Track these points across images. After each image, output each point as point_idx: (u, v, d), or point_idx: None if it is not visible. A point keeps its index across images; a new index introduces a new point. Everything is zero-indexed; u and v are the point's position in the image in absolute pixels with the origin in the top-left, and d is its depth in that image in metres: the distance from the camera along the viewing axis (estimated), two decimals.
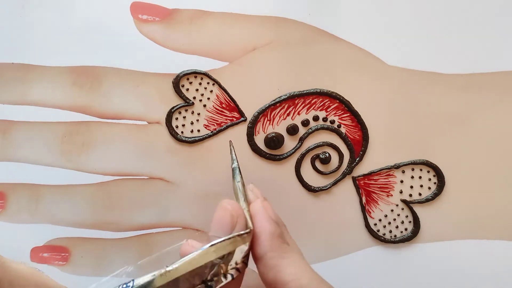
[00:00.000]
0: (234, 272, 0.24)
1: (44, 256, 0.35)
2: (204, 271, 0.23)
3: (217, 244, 0.24)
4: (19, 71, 0.36)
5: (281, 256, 0.24)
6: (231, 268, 0.24)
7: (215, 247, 0.24)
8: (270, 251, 0.24)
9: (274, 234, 0.24)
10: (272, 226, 0.25)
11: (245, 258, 0.24)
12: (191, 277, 0.23)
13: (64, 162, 0.36)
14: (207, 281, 0.23)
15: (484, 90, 0.35)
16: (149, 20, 0.36)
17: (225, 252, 0.24)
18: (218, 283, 0.23)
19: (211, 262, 0.23)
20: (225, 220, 0.25)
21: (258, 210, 0.25)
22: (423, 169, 0.35)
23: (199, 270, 0.23)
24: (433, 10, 0.36)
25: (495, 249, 0.34)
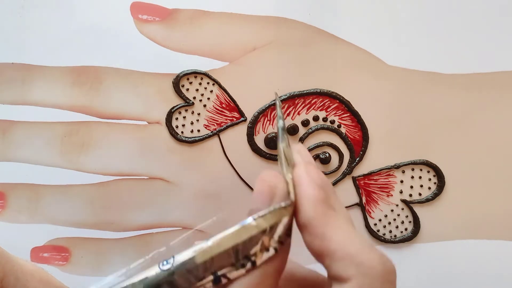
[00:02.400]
0: (277, 246, 0.23)
1: (44, 256, 0.36)
2: (246, 245, 0.23)
3: (258, 217, 0.23)
4: (19, 71, 0.37)
5: (326, 223, 0.23)
6: (274, 242, 0.23)
7: (256, 221, 0.23)
8: (314, 219, 0.23)
9: (318, 200, 0.23)
10: (316, 191, 0.23)
11: (288, 230, 0.24)
12: (233, 252, 0.23)
13: (64, 162, 0.37)
14: (249, 256, 0.23)
15: (485, 90, 0.37)
16: (149, 20, 0.37)
17: (266, 225, 0.23)
18: (261, 258, 0.23)
19: (252, 237, 0.23)
20: (263, 192, 0.24)
21: (300, 176, 0.24)
22: (423, 169, 0.36)
23: (241, 245, 0.23)
24: (433, 10, 0.37)
25: (495, 249, 0.36)
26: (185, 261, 0.23)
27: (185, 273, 0.23)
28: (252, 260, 0.23)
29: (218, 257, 0.23)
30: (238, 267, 0.23)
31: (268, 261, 0.23)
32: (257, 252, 0.23)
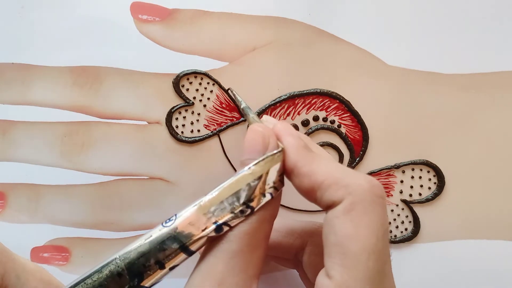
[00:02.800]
0: (273, 191, 0.26)
1: (44, 256, 0.37)
2: (244, 193, 0.25)
3: (253, 166, 0.26)
4: (19, 71, 0.37)
5: (310, 162, 0.25)
6: (269, 188, 0.26)
7: (251, 170, 0.25)
8: (298, 161, 0.25)
9: (299, 145, 0.26)
10: (295, 139, 0.26)
11: (281, 177, 0.26)
12: (232, 201, 0.25)
13: (64, 162, 0.37)
14: (247, 201, 0.25)
15: (485, 90, 0.37)
16: (149, 20, 0.37)
17: (261, 172, 0.26)
18: (258, 203, 0.25)
19: (249, 184, 0.25)
20: (257, 141, 0.26)
21: (279, 129, 0.27)
22: (423, 169, 0.37)
23: (238, 193, 0.25)
24: (433, 10, 0.37)
25: (495, 249, 0.36)
26: (188, 216, 0.25)
27: (188, 225, 0.25)
28: (250, 206, 0.25)
29: (219, 208, 0.25)
30: (238, 214, 0.25)
31: (264, 207, 0.25)
32: (254, 198, 0.25)
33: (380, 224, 0.24)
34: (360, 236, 0.23)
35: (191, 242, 0.25)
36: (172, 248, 0.24)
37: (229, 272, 0.24)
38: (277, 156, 0.26)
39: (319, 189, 0.25)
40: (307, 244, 0.30)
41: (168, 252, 0.24)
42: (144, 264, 0.24)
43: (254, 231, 0.25)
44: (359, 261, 0.23)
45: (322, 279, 0.23)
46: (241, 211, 0.25)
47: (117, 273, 0.24)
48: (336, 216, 0.24)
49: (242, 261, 0.24)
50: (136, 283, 0.24)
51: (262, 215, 0.25)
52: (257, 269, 0.25)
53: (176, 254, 0.25)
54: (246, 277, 0.24)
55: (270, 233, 0.26)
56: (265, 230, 0.26)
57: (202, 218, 0.25)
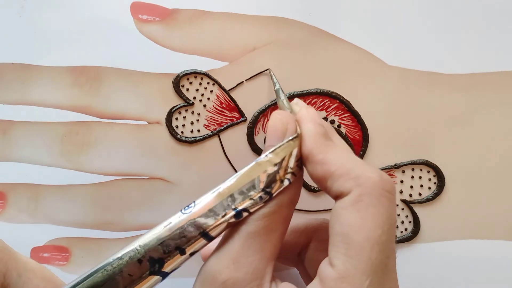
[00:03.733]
0: (291, 177, 0.26)
1: (44, 256, 0.37)
2: (261, 180, 0.26)
3: (270, 153, 0.26)
4: (19, 71, 0.38)
5: (325, 151, 0.26)
6: (287, 174, 0.26)
7: (268, 157, 0.26)
8: (314, 148, 0.26)
9: (318, 133, 0.27)
10: (316, 126, 0.27)
11: (299, 162, 0.27)
12: (250, 187, 0.26)
13: (64, 162, 0.37)
14: (265, 188, 0.26)
15: (485, 90, 0.37)
16: (149, 20, 0.38)
17: (278, 159, 0.26)
18: (276, 189, 0.26)
19: (266, 171, 0.26)
20: (276, 128, 0.27)
21: (303, 115, 0.28)
22: (423, 169, 0.37)
23: (256, 180, 0.26)
24: (433, 10, 0.37)
25: (495, 249, 0.36)
26: (207, 202, 0.26)
27: (208, 212, 0.26)
28: (269, 192, 0.26)
29: (237, 194, 0.26)
30: (257, 200, 0.26)
31: (283, 192, 0.26)
32: (272, 184, 0.26)
33: (386, 217, 0.24)
34: (365, 227, 0.23)
35: (211, 228, 0.25)
36: (193, 234, 0.25)
37: (245, 251, 0.25)
38: (293, 142, 0.27)
39: (330, 178, 0.25)
40: (311, 240, 0.30)
41: (189, 238, 0.25)
42: (165, 250, 0.25)
43: (272, 215, 0.26)
44: (363, 251, 0.23)
45: (325, 268, 0.24)
46: (259, 197, 0.26)
47: (137, 259, 0.25)
48: (343, 206, 0.24)
49: (258, 242, 0.25)
50: (157, 269, 0.25)
51: (281, 200, 0.26)
52: (273, 251, 0.26)
53: (196, 240, 0.25)
54: (262, 258, 0.25)
55: (289, 218, 0.27)
56: (284, 215, 0.26)
57: (221, 205, 0.26)
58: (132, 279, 0.25)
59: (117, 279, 0.25)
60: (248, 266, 0.25)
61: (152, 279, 0.25)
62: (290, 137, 0.27)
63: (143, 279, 0.25)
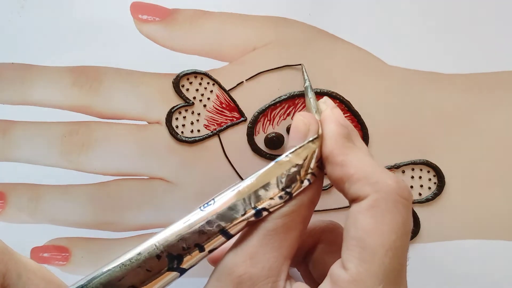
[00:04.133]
0: (310, 177, 0.27)
1: (44, 256, 0.37)
2: (281, 180, 0.26)
3: (290, 153, 0.27)
4: (19, 71, 0.38)
5: (346, 153, 0.26)
6: (307, 174, 0.27)
7: (288, 157, 0.27)
8: (335, 149, 0.26)
9: (340, 134, 0.27)
10: (338, 127, 0.27)
11: (319, 163, 0.27)
12: (270, 187, 0.26)
13: (64, 162, 0.37)
14: (285, 187, 0.26)
15: (485, 90, 0.37)
16: (149, 20, 0.38)
17: (299, 159, 0.27)
18: (296, 189, 0.26)
19: (287, 171, 0.26)
20: (299, 128, 0.28)
21: (327, 115, 0.28)
22: (423, 169, 0.37)
23: (276, 180, 0.26)
24: (433, 10, 0.37)
25: (495, 249, 0.36)
26: (226, 200, 0.26)
27: (227, 210, 0.26)
28: (289, 192, 0.26)
29: (257, 193, 0.26)
30: (276, 200, 0.26)
31: (303, 192, 0.26)
32: (292, 185, 0.26)
33: (402, 224, 0.24)
34: (380, 232, 0.24)
35: (231, 226, 0.26)
36: (212, 231, 0.26)
37: (262, 248, 0.25)
38: (314, 143, 0.27)
39: (348, 181, 0.25)
40: (318, 242, 0.30)
41: (208, 235, 0.25)
42: (184, 246, 0.25)
43: (291, 214, 0.26)
44: (376, 256, 0.23)
45: (337, 270, 0.24)
46: (279, 197, 0.26)
47: (156, 255, 0.25)
48: (360, 210, 0.24)
49: (276, 240, 0.25)
50: (176, 265, 0.25)
51: (301, 199, 0.26)
52: (290, 250, 0.26)
53: (215, 237, 0.26)
54: (278, 256, 0.25)
55: (308, 218, 0.27)
56: (303, 214, 0.27)
57: (241, 203, 0.26)
58: (150, 275, 0.25)
59: (135, 274, 0.25)
60: (264, 262, 0.25)
61: (170, 275, 0.25)
62: (311, 138, 0.27)
63: (161, 274, 0.25)
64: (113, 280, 0.25)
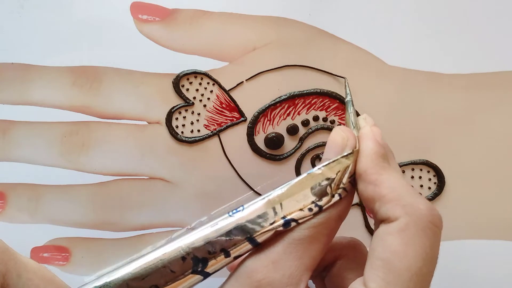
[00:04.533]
0: (342, 192, 0.27)
1: (44, 256, 0.37)
2: (313, 192, 0.26)
3: (323, 166, 0.27)
4: (19, 71, 0.38)
5: (380, 173, 0.26)
6: (338, 188, 0.26)
7: (321, 170, 0.27)
8: (370, 168, 0.26)
9: (377, 153, 0.27)
10: (376, 145, 0.27)
11: (352, 178, 0.27)
12: (300, 198, 0.26)
13: (64, 162, 0.38)
14: (316, 200, 0.26)
15: (485, 90, 0.37)
16: (149, 20, 0.38)
17: (332, 173, 0.27)
18: (326, 203, 0.26)
19: (319, 184, 0.26)
20: (336, 142, 0.28)
21: (366, 132, 0.28)
22: (423, 169, 0.37)
23: (307, 192, 0.26)
24: (434, 10, 0.38)
25: (495, 249, 0.36)
26: (256, 208, 0.26)
27: (256, 218, 0.26)
28: (319, 205, 0.26)
29: (287, 203, 0.26)
30: (306, 211, 0.26)
31: (332, 206, 0.26)
32: (323, 198, 0.26)
33: (430, 250, 0.24)
34: (408, 256, 0.24)
35: (259, 234, 0.26)
36: (239, 238, 0.26)
37: (285, 255, 0.25)
38: (348, 158, 0.27)
39: (379, 201, 0.25)
40: (338, 257, 0.30)
41: (234, 241, 0.26)
42: (210, 250, 0.25)
43: (318, 226, 0.26)
44: (401, 279, 0.23)
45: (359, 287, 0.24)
46: (309, 208, 0.26)
47: (181, 256, 0.25)
48: (389, 232, 0.24)
49: (300, 249, 0.26)
50: (200, 268, 0.25)
51: (329, 213, 0.26)
52: (312, 261, 0.26)
53: (242, 244, 0.26)
54: (300, 265, 0.25)
55: (334, 232, 0.27)
56: (330, 228, 0.27)
57: (271, 212, 0.26)
58: (174, 276, 0.25)
59: (159, 274, 0.25)
60: (285, 270, 0.25)
61: (193, 277, 0.25)
62: (346, 153, 0.27)
63: (184, 276, 0.25)
64: (136, 278, 0.25)
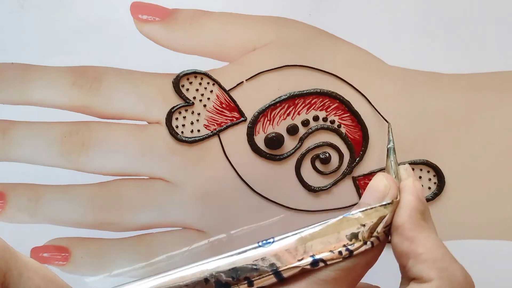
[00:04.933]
0: (374, 240, 0.26)
1: (44, 256, 0.37)
2: (345, 236, 0.26)
3: (360, 212, 0.26)
4: (19, 71, 0.38)
5: (418, 230, 0.26)
6: (372, 236, 0.26)
7: (357, 215, 0.26)
8: (408, 223, 0.26)
9: (417, 209, 0.27)
10: (417, 201, 0.27)
11: (387, 228, 0.27)
12: (332, 240, 0.26)
13: (64, 162, 0.38)
14: (348, 245, 0.26)
15: (485, 90, 0.37)
16: (149, 20, 0.38)
17: (368, 220, 0.26)
18: (357, 248, 0.26)
19: (353, 228, 0.26)
20: (378, 188, 0.28)
21: (408, 185, 0.28)
22: (423, 169, 0.37)
23: (340, 234, 0.26)
24: (434, 10, 0.38)
25: (495, 249, 0.36)
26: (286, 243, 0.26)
27: (285, 252, 0.26)
28: (350, 249, 0.26)
29: (319, 243, 0.26)
30: (336, 254, 0.26)
31: (363, 252, 0.26)
32: (355, 243, 0.26)
33: None
34: None
35: (285, 269, 0.26)
36: (265, 269, 0.25)
37: None
38: (386, 208, 0.27)
39: (414, 259, 0.25)
40: None
41: (260, 272, 0.25)
42: (234, 277, 0.25)
43: (345, 270, 0.26)
44: None
45: None
46: (339, 251, 0.26)
47: (204, 278, 0.25)
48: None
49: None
50: None
51: (359, 259, 0.26)
52: None
53: (267, 276, 0.26)
54: None
55: (359, 278, 0.27)
56: (356, 273, 0.26)
57: (300, 249, 0.26)
58: None
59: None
60: None
61: None
62: (385, 202, 0.27)
63: None
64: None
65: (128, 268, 0.37)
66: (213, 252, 0.36)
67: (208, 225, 0.37)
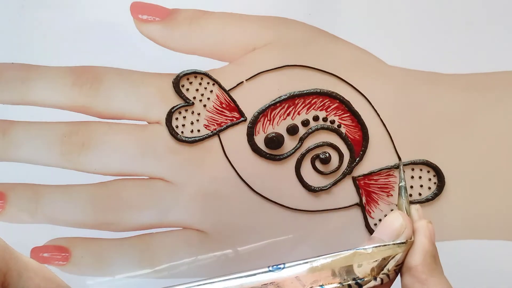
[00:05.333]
0: (384, 277, 0.27)
1: (44, 256, 0.37)
2: (356, 269, 0.26)
3: (374, 248, 0.27)
4: (19, 71, 0.38)
5: (430, 273, 0.26)
6: (382, 273, 0.27)
7: (370, 251, 0.27)
8: (421, 265, 0.26)
9: (430, 252, 0.27)
10: (431, 244, 0.27)
11: (398, 267, 0.27)
12: (342, 272, 0.26)
13: (64, 162, 0.38)
14: (358, 278, 0.26)
15: (485, 90, 0.37)
16: (149, 20, 0.38)
17: (380, 256, 0.27)
18: (366, 283, 0.26)
19: (364, 263, 0.26)
20: (394, 226, 0.28)
21: (423, 227, 0.28)
22: (423, 169, 0.37)
23: (351, 267, 0.26)
24: (433, 10, 0.38)
25: (495, 249, 0.36)
26: (297, 270, 0.26)
27: (294, 279, 0.26)
28: (359, 283, 0.26)
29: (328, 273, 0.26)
30: (345, 286, 0.26)
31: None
32: (365, 278, 0.26)
33: None
34: None
35: None
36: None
37: None
38: (400, 247, 0.27)
39: None
40: None
41: None
42: None
43: None
44: None
45: None
46: (348, 285, 0.26)
47: None
48: None
49: None
50: None
51: None
52: None
53: None
54: None
55: None
56: None
57: (310, 277, 0.26)
58: None
59: None
60: None
61: None
62: (400, 241, 0.27)
63: None
64: None
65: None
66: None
67: (208, 225, 0.37)
